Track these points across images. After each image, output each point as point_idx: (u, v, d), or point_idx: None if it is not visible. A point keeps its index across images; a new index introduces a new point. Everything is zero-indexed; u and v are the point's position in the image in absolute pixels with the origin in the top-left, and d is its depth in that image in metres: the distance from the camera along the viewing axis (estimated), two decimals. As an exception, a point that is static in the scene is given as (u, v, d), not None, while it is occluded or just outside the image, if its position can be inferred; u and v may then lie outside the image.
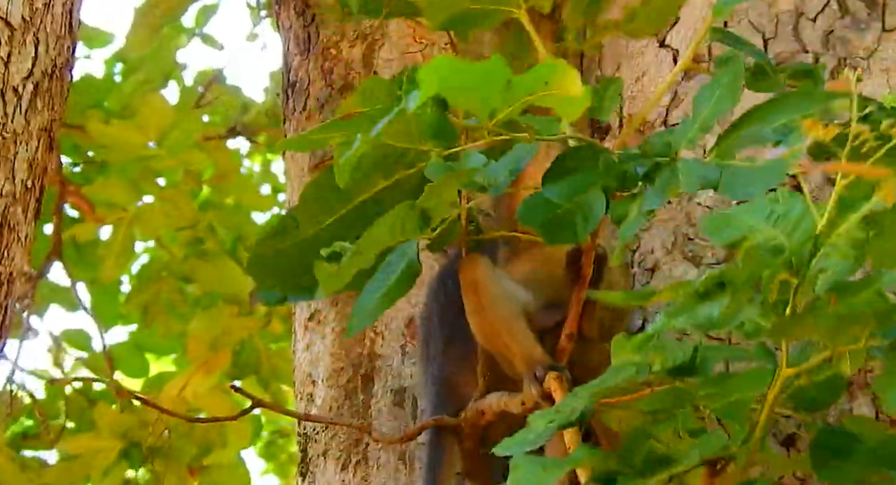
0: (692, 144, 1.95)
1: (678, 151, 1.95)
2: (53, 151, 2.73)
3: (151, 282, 4.62)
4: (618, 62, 2.80)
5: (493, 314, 2.20)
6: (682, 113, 2.64)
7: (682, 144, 1.95)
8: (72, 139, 4.79)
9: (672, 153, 1.95)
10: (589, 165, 1.96)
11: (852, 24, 2.57)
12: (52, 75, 2.66)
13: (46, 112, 2.65)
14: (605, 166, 1.96)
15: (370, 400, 2.76)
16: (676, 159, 1.95)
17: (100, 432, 4.39)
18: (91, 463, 4.34)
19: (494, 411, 2.29)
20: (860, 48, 2.55)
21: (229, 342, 4.70)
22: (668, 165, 1.94)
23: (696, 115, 1.97)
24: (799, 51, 2.55)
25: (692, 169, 1.90)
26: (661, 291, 1.76)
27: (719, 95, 1.95)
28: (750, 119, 1.93)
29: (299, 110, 3.03)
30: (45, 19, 2.66)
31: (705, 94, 1.97)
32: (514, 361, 2.21)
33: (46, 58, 2.64)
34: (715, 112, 1.95)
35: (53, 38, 2.67)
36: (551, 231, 1.93)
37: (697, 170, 1.90)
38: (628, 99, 2.73)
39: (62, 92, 2.71)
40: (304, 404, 2.84)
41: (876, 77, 2.53)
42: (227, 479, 4.59)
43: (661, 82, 2.70)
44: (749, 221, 1.78)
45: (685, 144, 1.95)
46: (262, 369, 4.86)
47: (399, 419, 2.72)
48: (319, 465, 2.75)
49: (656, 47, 2.73)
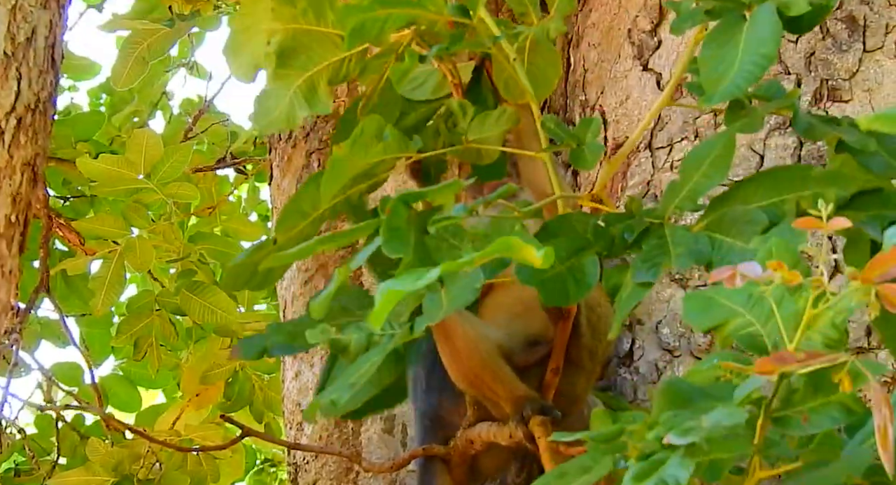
0: (679, 211, 1.95)
1: (666, 216, 1.94)
2: (38, 184, 2.72)
3: (143, 315, 4.60)
4: (601, 86, 2.81)
5: (470, 359, 2.18)
6: (667, 135, 2.64)
7: (670, 211, 1.95)
8: (61, 173, 4.78)
9: (660, 218, 1.94)
10: (577, 229, 1.95)
11: (834, 45, 2.57)
12: (36, 110, 2.67)
13: (30, 146, 2.66)
14: (593, 232, 1.95)
15: (360, 428, 2.74)
16: (664, 225, 1.94)
17: (91, 466, 4.36)
18: (84, 498, 4.31)
19: (483, 440, 2.28)
20: (842, 69, 2.56)
21: (221, 375, 4.68)
22: (656, 231, 1.93)
23: (684, 179, 1.95)
24: (781, 73, 2.56)
25: (682, 240, 1.89)
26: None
27: (709, 167, 1.94)
28: (740, 192, 1.93)
29: (285, 139, 3.04)
30: (27, 54, 2.67)
31: (696, 159, 1.96)
32: (499, 402, 2.20)
33: (29, 92, 2.65)
34: (705, 186, 1.93)
35: (36, 72, 2.67)
36: (547, 290, 1.92)
37: (688, 241, 1.89)
38: (612, 122, 2.74)
39: (46, 126, 2.71)
40: (293, 432, 2.83)
41: (858, 98, 2.54)
42: (221, 512, 4.56)
43: (644, 105, 2.71)
44: (728, 304, 1.76)
45: (672, 210, 1.95)
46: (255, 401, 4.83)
47: (389, 447, 2.70)
48: (309, 494, 2.74)
49: (640, 71, 2.73)
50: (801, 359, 1.59)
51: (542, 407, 2.16)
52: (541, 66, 2.14)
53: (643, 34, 2.74)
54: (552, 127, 2.07)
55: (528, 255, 1.65)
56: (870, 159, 1.96)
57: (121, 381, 5.26)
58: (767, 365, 1.61)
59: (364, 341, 1.95)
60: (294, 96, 2.10)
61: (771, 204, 1.90)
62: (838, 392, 1.66)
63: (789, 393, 1.69)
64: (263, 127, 2.19)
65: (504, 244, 1.68)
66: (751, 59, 1.83)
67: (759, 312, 1.73)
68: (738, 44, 1.85)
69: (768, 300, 1.70)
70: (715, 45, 1.88)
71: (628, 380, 2.53)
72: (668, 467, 1.60)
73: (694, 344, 2.48)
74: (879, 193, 1.92)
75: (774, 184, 1.92)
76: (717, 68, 1.85)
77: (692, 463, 1.59)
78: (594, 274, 1.92)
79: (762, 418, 1.68)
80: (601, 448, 1.79)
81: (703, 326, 1.78)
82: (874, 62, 2.55)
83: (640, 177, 2.65)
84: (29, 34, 2.70)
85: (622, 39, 2.77)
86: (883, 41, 2.55)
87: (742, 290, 1.76)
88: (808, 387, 1.69)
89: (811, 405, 1.68)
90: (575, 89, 2.86)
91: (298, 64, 2.11)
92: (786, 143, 2.53)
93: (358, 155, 2.02)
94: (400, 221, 1.86)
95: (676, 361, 2.49)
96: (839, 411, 1.67)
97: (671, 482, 1.58)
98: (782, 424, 1.69)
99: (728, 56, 1.85)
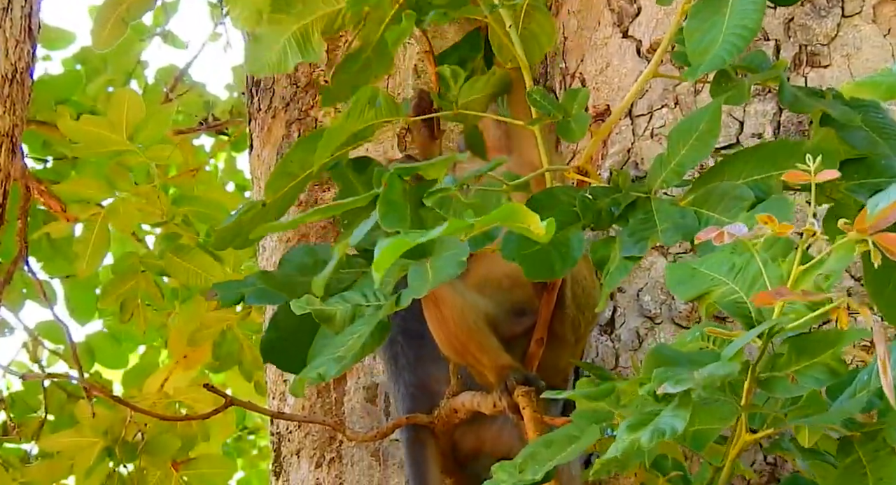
0: (666, 185, 1.96)
1: (653, 190, 1.95)
2: (16, 155, 2.71)
3: (128, 277, 4.59)
4: (581, 53, 2.79)
5: (457, 326, 2.17)
6: (647, 103, 2.64)
7: (656, 185, 1.96)
8: (41, 136, 4.75)
9: (646, 192, 1.95)
10: (564, 202, 1.96)
11: (812, 11, 2.56)
12: (13, 80, 2.65)
13: (8, 117, 2.65)
14: (580, 205, 1.95)
15: (342, 397, 2.75)
16: (651, 199, 1.95)
17: (81, 428, 4.37)
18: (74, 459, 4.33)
19: (467, 409, 2.28)
20: (821, 35, 2.55)
21: (208, 336, 4.69)
22: (643, 205, 1.94)
23: (670, 152, 1.96)
24: (760, 39, 2.55)
25: (669, 214, 1.90)
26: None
27: (696, 141, 1.94)
28: (726, 167, 1.94)
29: (264, 109, 3.02)
30: (3, 24, 2.65)
31: (682, 132, 1.96)
32: (483, 371, 2.20)
33: (6, 62, 2.63)
34: (692, 160, 1.94)
35: (13, 42, 2.66)
36: (530, 266, 1.93)
37: (674, 215, 1.90)
38: (593, 90, 2.73)
39: (24, 97, 2.69)
40: (276, 402, 2.83)
41: (837, 63, 2.53)
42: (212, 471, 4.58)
43: (624, 73, 2.70)
44: (710, 274, 1.77)
45: (659, 184, 1.96)
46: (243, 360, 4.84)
47: (372, 416, 2.71)
48: (293, 463, 2.75)
49: (619, 38, 2.72)
50: (799, 295, 1.60)
51: (526, 377, 2.16)
52: (535, 32, 2.17)
53: (622, 1, 2.73)
54: (538, 98, 2.07)
55: (532, 223, 1.67)
56: (852, 134, 1.96)
57: (107, 338, 5.28)
58: (766, 298, 1.63)
59: (350, 312, 1.96)
60: (287, 42, 2.15)
61: (758, 180, 1.91)
62: (822, 355, 1.68)
63: (774, 357, 1.71)
64: (255, 69, 2.23)
65: (507, 211, 1.69)
66: (735, 30, 1.83)
67: (742, 281, 1.74)
68: (723, 15, 1.85)
69: (755, 263, 1.71)
70: (701, 16, 1.88)
71: (609, 347, 2.55)
72: (663, 417, 1.60)
73: (675, 311, 2.49)
74: (864, 161, 1.94)
75: (761, 159, 1.93)
76: (702, 40, 1.86)
77: (687, 413, 1.59)
78: (579, 248, 1.93)
79: (748, 381, 1.70)
80: (588, 416, 1.81)
81: (687, 296, 1.80)
82: (853, 27, 2.54)
83: (620, 145, 2.65)
84: (6, 4, 2.68)
85: (602, 7, 2.76)
86: (861, 6, 2.54)
87: (725, 259, 1.78)
88: (793, 351, 1.71)
89: (796, 368, 1.70)
90: (555, 57, 2.85)
91: (295, 11, 2.15)
92: (765, 109, 2.52)
93: (353, 123, 2.07)
94: (396, 195, 1.88)
95: (658, 329, 2.50)
96: (823, 372, 1.69)
97: (668, 431, 1.58)
98: (768, 386, 1.71)
99: (713, 27, 1.85)
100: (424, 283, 1.83)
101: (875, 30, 2.53)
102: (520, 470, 1.76)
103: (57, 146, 4.81)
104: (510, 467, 1.77)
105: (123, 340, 5.32)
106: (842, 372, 1.68)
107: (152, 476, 4.38)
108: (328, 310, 1.96)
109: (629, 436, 1.59)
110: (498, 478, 1.75)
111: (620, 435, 1.61)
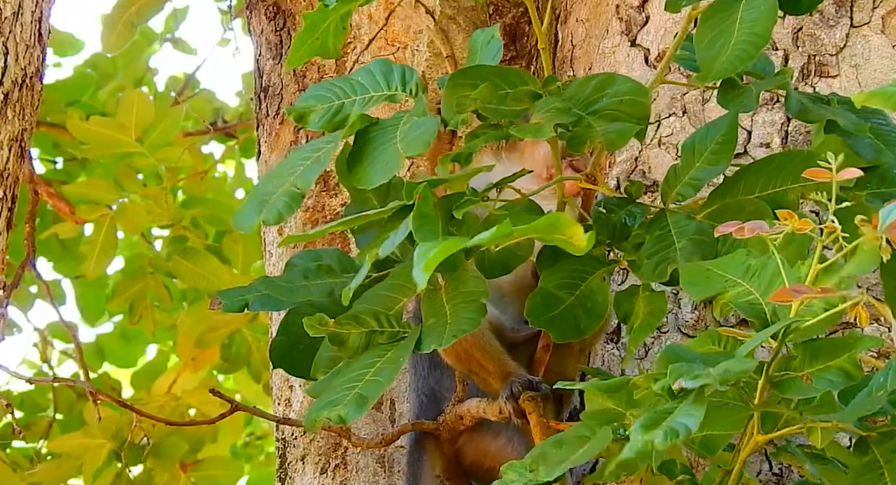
0: (681, 198, 1.96)
1: (666, 202, 1.96)
2: (25, 160, 2.72)
3: (137, 278, 4.61)
4: (589, 62, 2.79)
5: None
6: (654, 112, 2.63)
7: (670, 197, 1.97)
8: (51, 137, 4.77)
9: (660, 203, 1.96)
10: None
11: (821, 20, 2.56)
12: (23, 85, 2.65)
13: (17, 122, 2.64)
14: (595, 220, 1.96)
15: (348, 404, 2.75)
16: (666, 212, 1.96)
17: (89, 430, 4.38)
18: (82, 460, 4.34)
19: (473, 416, 2.29)
20: (829, 45, 2.55)
21: (217, 337, 4.70)
22: (659, 221, 1.95)
23: (684, 164, 1.97)
24: (769, 48, 2.55)
25: (685, 230, 1.91)
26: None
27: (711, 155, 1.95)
28: (741, 181, 1.94)
29: (272, 115, 3.02)
30: (14, 29, 2.65)
31: (695, 143, 1.97)
32: (487, 378, 2.20)
33: (16, 67, 2.63)
34: (709, 173, 1.95)
35: (23, 47, 2.66)
36: (558, 330, 1.94)
37: (690, 231, 1.91)
38: (601, 98, 2.73)
39: (33, 101, 2.69)
40: (281, 408, 2.83)
41: (845, 74, 2.53)
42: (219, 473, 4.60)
43: (632, 81, 2.69)
44: (725, 275, 1.77)
45: (674, 197, 1.97)
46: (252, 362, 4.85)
47: (377, 423, 2.71)
48: (298, 469, 2.75)
49: (628, 47, 2.72)
50: (818, 292, 1.60)
51: (532, 383, 2.16)
52: None
53: (631, 10, 2.73)
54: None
55: (575, 234, 1.66)
56: (858, 142, 1.96)
57: (117, 338, 5.29)
58: (785, 295, 1.63)
59: (364, 339, 1.95)
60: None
61: (774, 193, 1.91)
62: (838, 358, 1.68)
63: (788, 359, 1.71)
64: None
65: (549, 221, 1.68)
66: (746, 38, 1.83)
67: (758, 282, 1.75)
68: (733, 22, 1.84)
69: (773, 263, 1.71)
70: (711, 22, 1.88)
71: (615, 356, 2.55)
72: (677, 415, 1.59)
73: (681, 320, 2.49)
74: (876, 170, 1.94)
75: (776, 172, 1.93)
76: (712, 47, 1.86)
77: (702, 411, 1.58)
78: (604, 301, 1.94)
79: (762, 381, 1.70)
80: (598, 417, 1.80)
81: (701, 296, 1.81)
82: (861, 37, 2.54)
83: (627, 153, 2.65)
84: (16, 8, 2.68)
85: (610, 15, 2.76)
86: (870, 16, 2.54)
87: (740, 261, 1.78)
88: (807, 354, 1.71)
89: (810, 370, 1.70)
90: (563, 65, 2.85)
91: None
92: (773, 118, 2.52)
93: None
94: (429, 208, 1.86)
95: (664, 337, 2.50)
96: (839, 375, 1.69)
97: (682, 431, 1.57)
98: (781, 387, 1.71)
99: (724, 34, 1.85)
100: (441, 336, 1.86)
101: (884, 40, 2.52)
102: (530, 469, 1.75)
103: (67, 148, 4.82)
104: (519, 467, 1.77)
105: (133, 340, 5.33)
106: (857, 376, 1.68)
107: (160, 478, 4.39)
108: (341, 333, 1.93)
109: (643, 436, 1.58)
110: (507, 477, 1.75)
111: (635, 435, 1.59)
